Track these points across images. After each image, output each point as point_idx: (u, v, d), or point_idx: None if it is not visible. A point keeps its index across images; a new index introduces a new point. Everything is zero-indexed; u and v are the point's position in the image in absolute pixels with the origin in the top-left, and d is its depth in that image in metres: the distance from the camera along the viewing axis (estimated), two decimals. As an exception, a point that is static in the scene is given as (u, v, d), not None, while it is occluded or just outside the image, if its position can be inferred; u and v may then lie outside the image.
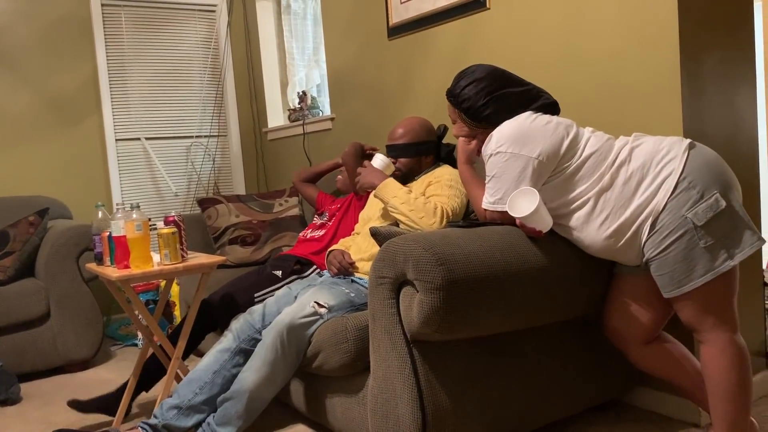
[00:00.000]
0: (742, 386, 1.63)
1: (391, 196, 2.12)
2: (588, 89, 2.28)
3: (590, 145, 1.75)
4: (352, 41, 3.47)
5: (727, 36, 2.13)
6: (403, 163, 2.30)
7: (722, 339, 1.63)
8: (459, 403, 1.72)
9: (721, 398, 1.63)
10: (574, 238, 1.80)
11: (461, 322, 1.63)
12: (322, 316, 2.01)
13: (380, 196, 2.17)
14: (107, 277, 2.10)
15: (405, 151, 2.29)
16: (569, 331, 1.98)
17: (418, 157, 2.31)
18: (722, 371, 1.63)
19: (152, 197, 4.27)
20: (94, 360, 3.31)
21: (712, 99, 2.09)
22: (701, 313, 1.64)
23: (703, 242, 1.59)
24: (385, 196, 2.15)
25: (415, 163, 2.31)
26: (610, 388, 2.09)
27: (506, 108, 1.85)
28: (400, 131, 2.31)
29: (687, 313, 1.66)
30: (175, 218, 2.21)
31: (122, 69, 4.13)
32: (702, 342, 1.67)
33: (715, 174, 1.63)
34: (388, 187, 2.15)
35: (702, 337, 1.66)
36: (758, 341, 2.26)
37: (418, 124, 2.32)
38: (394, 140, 2.31)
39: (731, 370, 1.62)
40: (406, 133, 2.30)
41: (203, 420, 2.03)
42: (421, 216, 2.02)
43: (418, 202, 2.05)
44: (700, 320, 1.64)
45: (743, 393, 1.63)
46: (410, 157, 2.29)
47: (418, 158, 2.31)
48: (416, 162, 2.31)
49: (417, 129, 2.31)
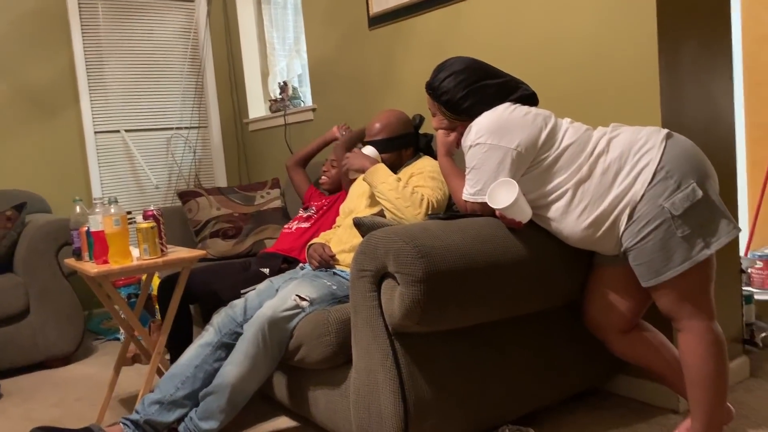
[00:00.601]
0: (719, 373, 1.65)
1: (380, 182, 2.11)
2: (567, 80, 2.28)
3: (568, 136, 1.76)
4: (333, 31, 3.45)
5: (705, 26, 2.14)
6: (384, 159, 2.30)
7: (700, 327, 1.65)
8: (441, 393, 1.73)
9: (699, 385, 1.66)
10: (553, 229, 1.81)
11: (442, 314, 1.64)
12: (304, 309, 2.01)
13: (369, 180, 2.16)
14: (86, 272, 2.08)
15: (385, 147, 2.28)
16: (550, 321, 2.00)
17: (399, 150, 2.31)
18: (700, 359, 1.65)
19: (132, 190, 4.23)
20: (76, 355, 3.29)
21: (690, 89, 2.10)
22: (679, 302, 1.66)
23: (680, 231, 1.61)
24: (374, 181, 2.14)
25: (396, 157, 2.31)
26: (590, 376, 2.12)
27: (485, 100, 1.85)
28: (378, 126, 2.30)
29: (665, 302, 1.68)
30: (154, 212, 2.19)
31: (100, 60, 4.07)
32: (680, 330, 1.69)
33: (692, 164, 1.64)
34: (379, 172, 2.15)
35: (680, 326, 1.68)
36: (735, 328, 2.29)
37: (395, 118, 2.32)
38: (372, 136, 2.31)
39: (708, 358, 1.64)
40: (384, 128, 2.30)
41: (185, 414, 2.02)
42: (407, 205, 2.02)
43: (406, 191, 2.06)
44: (678, 309, 1.66)
45: (720, 380, 1.65)
46: (391, 152, 2.29)
47: (399, 152, 2.31)
48: (397, 156, 2.31)
49: (394, 123, 2.31)
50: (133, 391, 2.67)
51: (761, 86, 3.59)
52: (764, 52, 3.56)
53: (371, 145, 2.30)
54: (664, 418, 2.03)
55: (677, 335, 1.70)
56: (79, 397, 2.69)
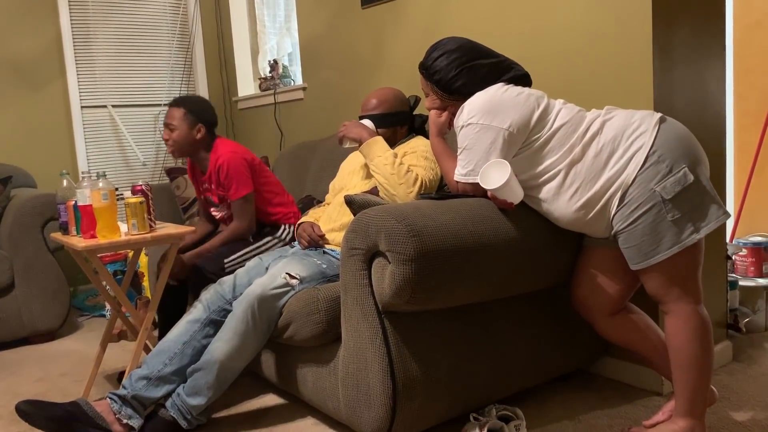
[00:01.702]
0: (704, 356, 1.67)
1: (376, 155, 2.08)
2: (561, 62, 2.28)
3: (560, 117, 1.76)
4: (325, 9, 3.41)
5: (699, 10, 2.14)
6: (379, 134, 2.29)
7: (686, 310, 1.67)
8: (429, 372, 1.74)
9: (684, 367, 1.68)
10: (544, 211, 1.82)
11: (433, 294, 1.64)
12: (294, 287, 2.00)
13: (366, 152, 2.12)
14: (73, 247, 2.06)
15: (381, 122, 2.27)
16: (538, 302, 2.01)
17: (394, 127, 2.29)
18: (685, 341, 1.67)
19: (119, 166, 4.18)
20: (61, 331, 3.27)
21: (683, 73, 2.10)
22: (667, 285, 1.67)
23: (670, 216, 1.62)
24: (370, 153, 2.10)
25: (391, 134, 2.29)
26: (576, 358, 2.14)
27: (477, 79, 1.85)
28: (374, 101, 2.29)
29: (653, 285, 1.69)
30: (143, 187, 2.17)
31: (87, 33, 4.00)
32: (666, 313, 1.70)
33: (684, 148, 1.65)
34: (377, 145, 2.11)
35: (667, 308, 1.70)
36: (720, 312, 2.32)
37: (392, 95, 2.30)
38: (368, 110, 2.29)
39: (694, 341, 1.66)
40: (381, 104, 2.28)
41: (173, 391, 2.02)
42: (400, 182, 2.01)
43: (402, 168, 2.03)
44: (666, 292, 1.68)
45: (705, 363, 1.67)
46: (386, 128, 2.28)
47: (394, 129, 2.30)
48: (392, 133, 2.29)
49: (391, 99, 2.29)
50: (118, 368, 2.66)
51: (751, 73, 3.60)
52: (755, 39, 3.58)
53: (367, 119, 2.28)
54: (649, 400, 2.06)
55: (664, 318, 1.72)
56: (63, 372, 2.68)
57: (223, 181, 2.49)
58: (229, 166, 2.46)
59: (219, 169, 2.48)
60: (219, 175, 2.49)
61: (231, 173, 2.46)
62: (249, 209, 2.51)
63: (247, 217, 2.50)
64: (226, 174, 2.47)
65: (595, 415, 1.98)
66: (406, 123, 2.32)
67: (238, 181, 2.47)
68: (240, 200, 2.49)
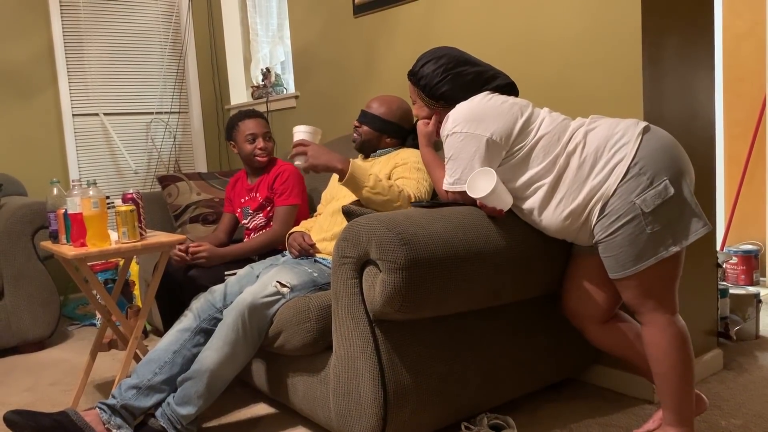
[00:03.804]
0: (685, 365, 1.67)
1: (362, 187, 1.96)
2: (550, 71, 2.29)
3: (544, 126, 1.77)
4: (317, 18, 3.42)
5: (688, 20, 2.16)
6: (364, 132, 2.31)
7: (662, 321, 1.68)
8: (420, 381, 1.74)
9: (666, 378, 1.68)
10: (531, 220, 1.82)
11: (423, 302, 1.64)
12: (285, 295, 2.00)
13: (350, 188, 1.97)
14: (63, 255, 2.05)
15: (372, 122, 2.29)
16: (528, 311, 2.01)
17: (381, 134, 2.30)
18: (663, 351, 1.67)
19: (111, 174, 4.17)
20: (50, 340, 3.25)
21: (672, 83, 2.12)
22: (642, 296, 1.68)
23: (649, 228, 1.62)
24: (355, 187, 1.97)
25: (375, 138, 2.31)
26: (567, 366, 2.14)
27: (463, 86, 1.86)
28: (376, 104, 2.30)
29: (629, 295, 1.70)
30: (134, 195, 2.16)
31: (79, 41, 4.00)
32: (643, 324, 1.71)
33: (667, 160, 1.65)
34: (358, 174, 1.95)
35: (643, 319, 1.71)
36: (710, 320, 2.33)
37: (396, 105, 2.31)
38: (368, 108, 2.32)
39: (672, 350, 1.67)
40: (380, 107, 2.30)
41: (163, 400, 2.00)
42: (395, 203, 1.99)
43: (387, 187, 1.98)
44: (642, 302, 1.69)
45: (686, 371, 1.67)
46: (374, 130, 2.29)
47: (380, 135, 2.30)
48: (376, 137, 2.31)
49: (393, 109, 2.30)
50: (108, 377, 2.65)
51: (740, 83, 3.63)
52: (743, 49, 3.61)
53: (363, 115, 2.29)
54: (639, 409, 2.06)
55: (642, 330, 1.73)
56: (53, 382, 2.66)
57: (279, 186, 2.57)
58: (290, 175, 2.59)
59: (279, 175, 2.59)
60: (276, 181, 2.58)
61: (290, 181, 2.57)
62: (290, 220, 2.55)
63: (287, 226, 2.53)
64: (286, 179, 2.57)
65: (586, 423, 1.98)
66: (397, 137, 2.32)
67: (293, 190, 2.56)
68: (288, 207, 2.54)
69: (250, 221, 2.66)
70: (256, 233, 2.62)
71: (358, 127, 2.33)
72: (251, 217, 2.66)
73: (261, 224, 2.62)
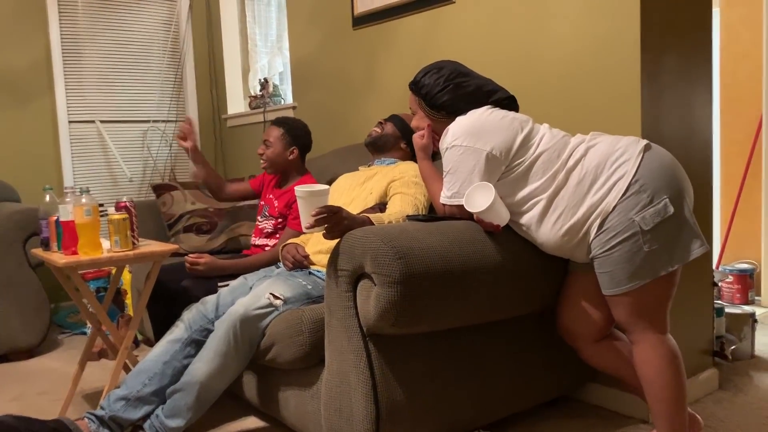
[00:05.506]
0: (675, 384, 1.66)
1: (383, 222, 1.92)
2: (549, 87, 2.29)
3: (544, 142, 1.76)
4: (317, 29, 3.42)
5: (687, 38, 2.16)
6: (387, 128, 2.37)
7: (652, 339, 1.67)
8: (413, 397, 1.71)
9: (657, 397, 1.67)
10: (528, 236, 1.81)
11: (418, 317, 1.62)
12: (278, 307, 1.98)
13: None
14: (53, 263, 2.03)
15: (399, 122, 2.35)
16: (523, 327, 1.99)
17: (401, 137, 2.36)
18: (654, 370, 1.66)
19: (106, 182, 4.15)
20: (40, 348, 3.21)
21: (670, 101, 2.12)
22: (635, 315, 1.67)
23: (647, 246, 1.61)
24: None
25: (394, 139, 2.36)
26: (561, 384, 2.12)
27: (463, 97, 1.86)
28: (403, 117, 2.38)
29: (621, 313, 1.69)
30: (127, 204, 2.15)
31: (77, 48, 3.99)
32: (634, 343, 1.70)
33: (668, 178, 1.64)
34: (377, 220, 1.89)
35: (633, 338, 1.70)
36: (706, 339, 2.31)
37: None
38: (404, 114, 2.37)
39: (663, 369, 1.65)
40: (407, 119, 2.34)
41: (152, 412, 1.98)
42: None
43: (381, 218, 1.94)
44: (634, 321, 1.67)
45: (677, 390, 1.66)
46: (397, 130, 2.35)
47: (399, 138, 2.36)
48: (395, 139, 2.36)
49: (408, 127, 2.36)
50: (98, 387, 2.61)
51: (737, 102, 3.64)
52: (741, 70, 3.62)
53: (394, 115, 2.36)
54: (634, 428, 2.04)
55: (633, 349, 1.71)
56: (41, 391, 2.62)
57: (296, 208, 2.52)
58: None
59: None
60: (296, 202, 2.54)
61: None
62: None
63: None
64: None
65: (581, 442, 1.96)
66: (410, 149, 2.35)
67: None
68: (297, 232, 2.51)
69: (262, 222, 2.69)
70: (260, 238, 2.65)
71: (383, 123, 2.38)
72: (265, 220, 2.68)
73: (268, 231, 2.64)
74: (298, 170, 2.68)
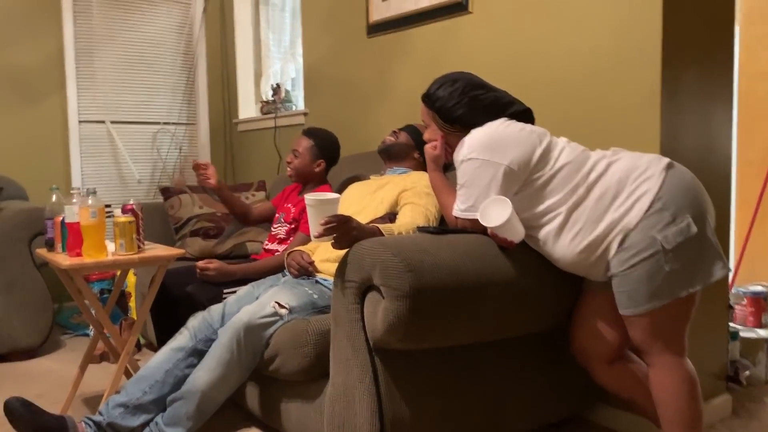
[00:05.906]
0: (692, 409, 1.61)
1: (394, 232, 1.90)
2: (567, 100, 2.25)
3: (564, 156, 1.71)
4: (331, 36, 3.40)
5: (707, 57, 2.12)
6: (401, 137, 2.38)
7: (669, 363, 1.62)
8: (419, 414, 1.67)
9: (672, 422, 1.62)
10: (544, 251, 1.76)
11: (427, 332, 1.58)
12: (283, 317, 1.94)
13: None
14: (57, 264, 2.00)
15: (414, 133, 2.35)
16: (532, 346, 1.94)
17: (414, 147, 2.35)
18: (671, 394, 1.62)
19: (114, 183, 4.13)
20: (42, 349, 3.17)
21: (690, 118, 2.07)
22: (652, 336, 1.62)
23: (668, 266, 1.57)
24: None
25: (407, 148, 2.36)
26: (570, 404, 2.07)
27: (479, 111, 1.82)
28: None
29: (638, 334, 1.64)
30: (133, 207, 2.12)
31: (90, 48, 3.98)
32: (650, 365, 1.66)
33: (691, 198, 1.60)
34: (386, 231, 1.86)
35: (650, 360, 1.65)
36: (720, 364, 2.26)
37: None
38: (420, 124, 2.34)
39: (680, 394, 1.61)
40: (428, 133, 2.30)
41: (150, 420, 1.94)
42: None
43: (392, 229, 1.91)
44: (650, 343, 1.63)
45: (694, 416, 1.61)
46: (411, 140, 2.35)
47: (413, 148, 2.35)
48: (408, 148, 2.36)
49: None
50: (98, 390, 2.57)
51: (755, 122, 3.59)
52: (760, 89, 3.57)
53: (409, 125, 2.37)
54: (645, 453, 1.99)
55: (649, 371, 1.66)
56: (40, 393, 2.59)
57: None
58: None
59: None
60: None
61: None
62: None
63: None
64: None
65: (590, 466, 1.90)
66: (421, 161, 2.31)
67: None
68: (307, 237, 2.47)
69: (276, 227, 2.68)
70: (272, 243, 2.64)
71: (397, 132, 2.37)
72: (279, 225, 2.66)
73: (281, 237, 2.62)
74: (318, 180, 2.67)
